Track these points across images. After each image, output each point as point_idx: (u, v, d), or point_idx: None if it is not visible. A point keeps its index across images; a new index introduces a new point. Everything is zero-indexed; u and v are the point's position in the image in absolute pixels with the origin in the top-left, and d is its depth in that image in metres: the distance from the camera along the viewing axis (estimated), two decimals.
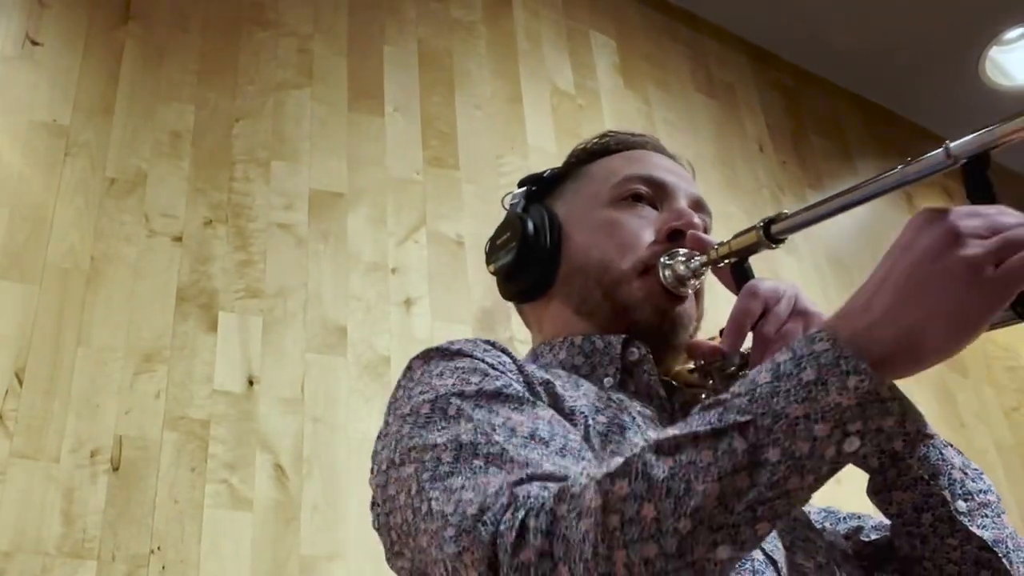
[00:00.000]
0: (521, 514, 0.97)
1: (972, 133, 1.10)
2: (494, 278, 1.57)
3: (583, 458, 1.10)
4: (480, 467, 1.06)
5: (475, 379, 1.18)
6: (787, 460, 0.92)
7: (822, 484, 0.96)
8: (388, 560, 1.23)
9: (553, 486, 1.00)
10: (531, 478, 1.03)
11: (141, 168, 2.95)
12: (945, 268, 0.95)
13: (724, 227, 1.45)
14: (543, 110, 3.69)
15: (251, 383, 2.70)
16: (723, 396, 0.99)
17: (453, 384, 1.18)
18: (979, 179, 1.09)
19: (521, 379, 1.23)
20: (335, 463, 2.67)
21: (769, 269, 3.67)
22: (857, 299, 1.00)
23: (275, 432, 2.66)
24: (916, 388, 3.95)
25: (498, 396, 1.16)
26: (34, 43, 3.02)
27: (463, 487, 1.05)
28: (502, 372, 1.22)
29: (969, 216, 0.98)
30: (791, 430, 0.93)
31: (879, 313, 0.97)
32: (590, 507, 0.94)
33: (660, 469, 0.94)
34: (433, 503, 1.06)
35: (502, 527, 0.98)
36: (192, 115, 3.11)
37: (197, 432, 2.58)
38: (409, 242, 3.15)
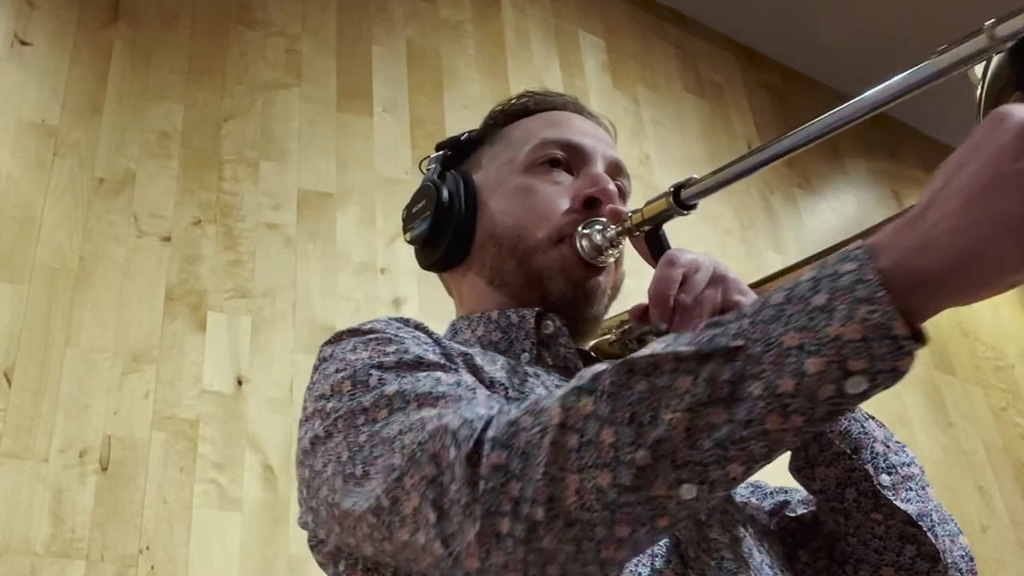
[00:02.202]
0: (479, 426, 0.93)
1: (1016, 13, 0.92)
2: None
3: None
4: (414, 409, 1.02)
5: (391, 349, 1.14)
6: (768, 397, 0.83)
7: (819, 427, 0.85)
8: (313, 549, 1.19)
9: (508, 405, 0.96)
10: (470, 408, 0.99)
11: (130, 168, 2.94)
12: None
13: (713, 227, 1.45)
14: None
15: (240, 383, 2.70)
16: (726, 315, 0.90)
17: (369, 356, 1.14)
18: None
19: (439, 351, 1.19)
20: None
21: (756, 268, 3.67)
22: (911, 211, 0.85)
23: (264, 432, 2.66)
24: (904, 387, 3.96)
25: (419, 364, 1.11)
26: (23, 43, 3.02)
27: (400, 432, 1.01)
28: (418, 343, 1.17)
29: None
30: (779, 362, 0.83)
31: (934, 225, 0.82)
32: (551, 423, 0.89)
33: (629, 390, 0.88)
34: (369, 459, 1.02)
35: (451, 439, 0.94)
36: (181, 115, 3.11)
37: (186, 432, 2.58)
38: (398, 242, 3.14)
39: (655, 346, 0.90)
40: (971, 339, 4.36)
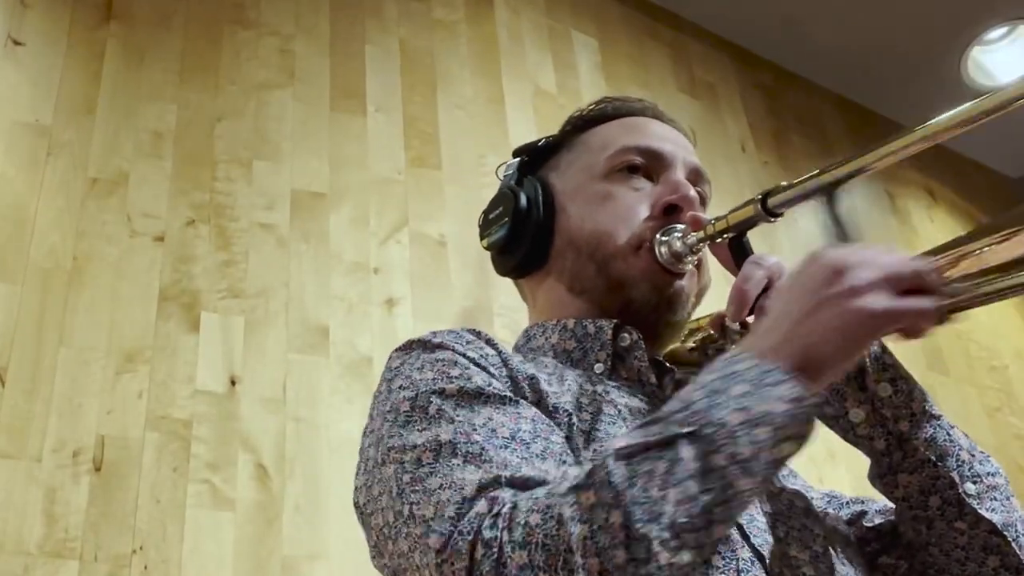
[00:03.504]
0: (499, 526, 0.98)
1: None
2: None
3: (564, 461, 1.10)
4: (458, 465, 1.06)
5: (455, 374, 1.17)
6: (734, 463, 0.96)
7: (764, 487, 1.04)
8: (372, 559, 1.22)
9: (525, 496, 1.00)
10: (508, 482, 1.03)
11: (123, 168, 2.94)
12: (833, 294, 1.05)
13: None
14: (525, 110, 3.69)
15: (233, 383, 2.70)
16: (660, 413, 1.02)
17: (432, 379, 1.16)
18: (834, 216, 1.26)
19: (505, 373, 1.21)
20: (317, 463, 2.66)
21: None
22: (757, 327, 1.10)
23: (257, 432, 2.65)
24: None
25: (479, 396, 1.14)
26: (16, 43, 3.01)
27: (440, 487, 1.05)
28: (483, 367, 1.20)
29: (850, 252, 1.09)
30: (733, 435, 0.97)
31: (782, 334, 1.05)
32: (562, 517, 0.95)
33: (621, 476, 0.96)
34: (414, 507, 1.06)
35: (483, 535, 0.98)
36: (174, 115, 3.11)
37: (179, 432, 2.58)
38: (391, 242, 3.14)
39: (621, 440, 1.00)
40: (964, 339, 4.36)
